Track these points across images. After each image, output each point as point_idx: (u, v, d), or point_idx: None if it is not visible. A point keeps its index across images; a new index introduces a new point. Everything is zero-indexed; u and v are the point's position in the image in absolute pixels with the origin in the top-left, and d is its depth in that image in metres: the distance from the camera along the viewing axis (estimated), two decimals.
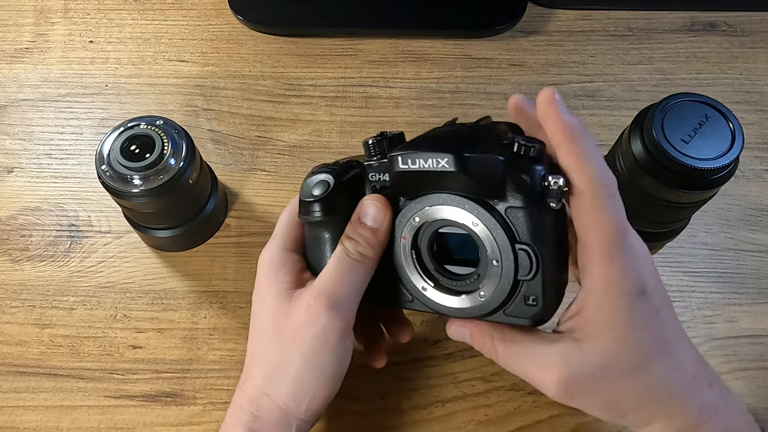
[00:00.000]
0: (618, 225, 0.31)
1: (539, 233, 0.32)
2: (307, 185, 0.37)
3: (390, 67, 0.60)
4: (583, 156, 0.31)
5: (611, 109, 0.57)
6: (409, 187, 0.34)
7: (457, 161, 0.31)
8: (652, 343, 0.33)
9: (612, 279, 0.32)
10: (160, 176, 0.44)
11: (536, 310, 0.33)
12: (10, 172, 0.55)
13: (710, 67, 0.59)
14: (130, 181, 0.44)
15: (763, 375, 0.47)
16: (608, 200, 0.31)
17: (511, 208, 0.32)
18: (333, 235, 0.37)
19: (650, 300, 0.32)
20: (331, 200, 0.36)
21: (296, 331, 0.36)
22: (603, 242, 0.31)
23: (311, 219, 0.37)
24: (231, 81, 0.59)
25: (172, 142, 0.44)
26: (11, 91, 0.59)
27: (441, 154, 0.31)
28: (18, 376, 0.47)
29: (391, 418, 0.46)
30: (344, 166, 0.37)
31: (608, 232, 0.31)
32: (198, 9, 0.63)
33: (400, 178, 0.34)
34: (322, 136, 0.56)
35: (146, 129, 0.45)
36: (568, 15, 0.62)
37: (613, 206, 0.31)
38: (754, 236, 0.52)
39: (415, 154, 0.32)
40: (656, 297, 0.33)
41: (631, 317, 0.32)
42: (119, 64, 0.60)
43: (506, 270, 0.32)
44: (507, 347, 0.35)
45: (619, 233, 0.31)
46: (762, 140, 0.56)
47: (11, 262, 0.51)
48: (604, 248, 0.31)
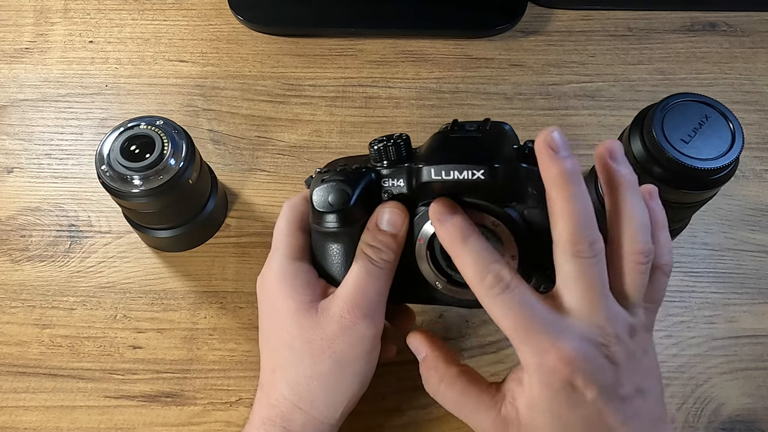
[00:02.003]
0: (574, 293, 0.30)
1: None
2: (322, 194, 0.36)
3: (390, 67, 0.60)
4: (560, 208, 0.30)
5: (611, 109, 0.57)
6: (433, 194, 0.35)
7: (491, 172, 0.32)
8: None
9: (533, 358, 0.30)
10: (160, 176, 0.44)
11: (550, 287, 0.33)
12: (10, 172, 0.55)
13: (710, 67, 0.59)
14: (130, 181, 0.44)
15: (763, 375, 0.47)
16: (571, 258, 0.30)
17: (529, 209, 0.33)
18: (349, 243, 0.37)
19: (581, 407, 0.30)
20: (350, 211, 0.36)
21: (331, 342, 0.35)
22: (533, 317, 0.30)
23: (327, 229, 0.37)
24: (231, 81, 0.59)
25: (172, 142, 0.44)
26: (11, 91, 0.59)
27: (475, 166, 0.32)
28: (18, 376, 0.47)
29: (391, 418, 0.46)
30: (356, 174, 0.37)
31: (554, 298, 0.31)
32: (198, 9, 0.63)
33: (425, 187, 0.34)
34: (322, 136, 0.56)
35: (146, 129, 0.45)
36: (568, 15, 0.62)
37: (572, 266, 0.30)
38: (754, 236, 0.52)
39: (447, 167, 0.33)
40: (590, 405, 0.30)
41: (552, 411, 0.30)
42: (119, 64, 0.60)
43: (525, 263, 0.34)
44: (452, 393, 0.34)
45: (565, 307, 0.30)
46: (762, 140, 0.56)
47: (11, 262, 0.51)
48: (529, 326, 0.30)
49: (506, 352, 0.47)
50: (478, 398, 0.33)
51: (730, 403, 0.46)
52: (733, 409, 0.46)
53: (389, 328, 0.41)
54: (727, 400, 0.46)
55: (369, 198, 0.36)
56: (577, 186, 0.30)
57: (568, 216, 0.30)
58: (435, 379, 0.35)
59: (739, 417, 0.45)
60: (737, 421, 0.45)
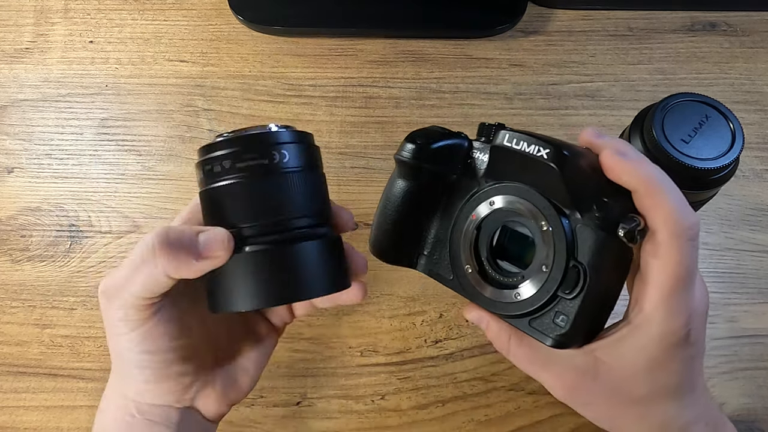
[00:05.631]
0: (686, 271, 0.31)
1: (599, 259, 0.31)
2: (418, 130, 0.37)
3: (390, 67, 0.60)
4: (662, 195, 0.30)
5: (611, 109, 0.57)
6: (501, 168, 0.34)
7: (557, 156, 0.31)
8: (666, 384, 0.32)
9: (659, 322, 0.31)
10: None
11: (561, 332, 0.32)
12: (10, 172, 0.55)
13: (710, 67, 0.59)
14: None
15: (763, 375, 0.47)
16: (685, 243, 0.30)
17: (583, 225, 0.32)
18: (407, 187, 0.37)
19: (686, 348, 0.32)
20: (431, 150, 0.36)
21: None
22: (665, 284, 0.31)
23: (400, 157, 0.36)
24: (231, 81, 0.59)
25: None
26: (11, 91, 0.59)
27: (545, 143, 0.32)
28: (18, 376, 0.47)
29: (391, 418, 0.46)
30: (454, 133, 0.37)
31: (674, 276, 0.31)
32: (198, 9, 0.63)
33: (496, 154, 0.34)
34: (322, 136, 0.56)
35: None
36: (568, 15, 0.62)
37: (688, 251, 0.30)
38: (754, 236, 0.52)
39: (520, 136, 0.32)
40: (693, 346, 0.32)
41: (659, 358, 0.32)
42: (119, 64, 0.60)
43: (551, 279, 0.32)
44: (522, 349, 0.35)
45: (685, 279, 0.31)
46: (762, 140, 0.55)
47: (11, 262, 0.51)
48: (665, 291, 0.31)
49: None
50: (549, 350, 0.33)
51: (730, 402, 0.46)
52: (733, 408, 0.46)
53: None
54: (727, 399, 0.46)
55: (452, 154, 0.36)
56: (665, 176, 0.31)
57: (676, 199, 0.31)
58: (504, 339, 0.35)
59: (739, 417, 0.45)
60: (737, 421, 0.45)
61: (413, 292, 0.50)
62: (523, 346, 0.35)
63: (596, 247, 0.31)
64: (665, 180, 0.31)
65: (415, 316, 0.49)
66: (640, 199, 0.31)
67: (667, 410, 0.33)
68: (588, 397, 0.34)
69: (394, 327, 0.48)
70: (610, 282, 0.33)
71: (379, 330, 0.48)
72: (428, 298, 0.49)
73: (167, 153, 0.56)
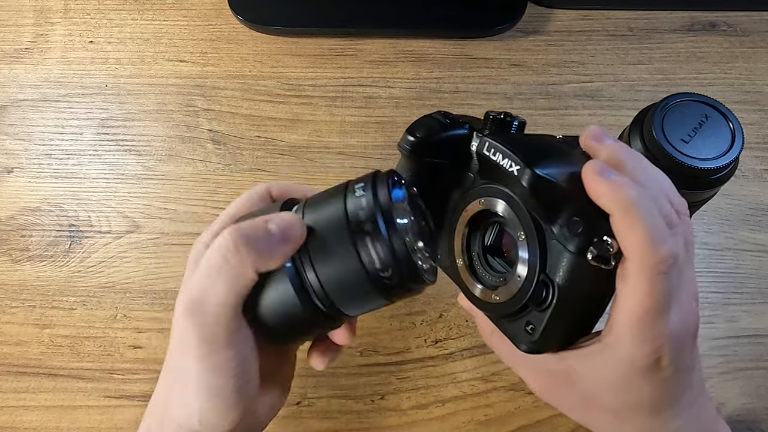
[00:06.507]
0: (655, 303, 0.29)
1: (569, 277, 0.31)
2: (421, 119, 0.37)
3: (390, 67, 0.60)
4: (636, 224, 0.29)
5: (611, 109, 0.57)
6: (488, 171, 0.34)
7: (527, 175, 0.31)
8: (639, 401, 0.32)
9: (626, 347, 0.30)
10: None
11: (531, 339, 0.32)
12: (10, 172, 0.55)
13: (710, 67, 0.59)
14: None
15: (763, 375, 0.47)
16: (655, 277, 0.29)
17: (556, 241, 0.31)
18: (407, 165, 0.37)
19: (657, 373, 0.31)
20: (434, 139, 0.36)
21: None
22: (632, 312, 0.30)
23: (402, 145, 0.36)
24: (231, 81, 0.59)
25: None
26: (11, 91, 0.59)
27: (517, 159, 0.31)
28: (18, 376, 0.47)
29: (391, 418, 0.46)
30: (457, 123, 0.37)
31: (641, 306, 0.29)
32: (198, 9, 0.63)
33: (479, 159, 0.35)
34: (322, 136, 0.56)
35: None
36: (568, 15, 0.62)
37: (658, 284, 0.29)
38: (754, 236, 0.52)
39: (497, 146, 0.33)
40: (666, 370, 0.31)
41: (628, 378, 0.31)
42: (119, 64, 0.60)
43: (522, 290, 0.32)
44: (503, 344, 0.35)
45: (654, 310, 0.30)
46: (762, 140, 0.56)
47: (11, 262, 0.51)
48: (632, 317, 0.30)
49: None
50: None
51: (729, 402, 0.46)
52: (733, 408, 0.46)
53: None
54: (727, 399, 0.46)
55: (452, 147, 0.36)
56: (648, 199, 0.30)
57: (650, 230, 0.29)
58: (488, 331, 0.36)
59: (738, 417, 0.45)
60: (737, 421, 0.45)
61: None
62: (504, 342, 0.35)
63: (566, 265, 0.31)
64: (645, 207, 0.29)
65: (415, 316, 0.49)
66: (614, 223, 0.30)
67: (644, 423, 0.32)
68: (562, 398, 0.34)
69: (394, 327, 0.49)
70: (583, 298, 0.32)
71: (379, 330, 0.48)
72: (428, 298, 0.49)
73: (167, 153, 0.56)
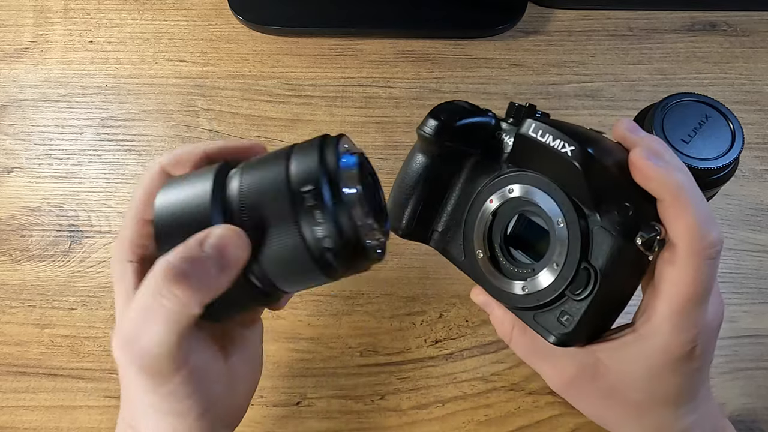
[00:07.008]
0: (700, 290, 0.30)
1: (612, 264, 0.31)
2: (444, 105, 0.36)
3: (390, 67, 0.60)
4: (687, 208, 0.29)
5: (611, 109, 0.57)
6: (524, 156, 0.34)
7: (582, 155, 0.30)
8: (665, 393, 0.32)
9: (665, 336, 0.30)
10: None
11: (564, 331, 0.32)
12: (10, 172, 0.55)
13: (710, 67, 0.59)
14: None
15: (763, 375, 0.47)
16: (703, 262, 0.29)
17: (600, 228, 0.31)
18: (424, 162, 0.36)
19: (689, 363, 0.31)
20: (454, 126, 0.35)
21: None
22: (676, 299, 0.30)
23: (422, 132, 0.35)
24: (231, 81, 0.59)
25: None
26: (11, 91, 0.59)
27: (571, 139, 0.30)
28: (18, 376, 0.47)
29: (391, 418, 0.46)
30: (481, 110, 0.36)
31: (687, 293, 0.30)
32: (198, 9, 0.63)
33: (520, 141, 0.33)
34: None
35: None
36: (568, 15, 0.62)
37: (705, 270, 0.29)
38: (754, 236, 0.52)
39: (546, 128, 0.31)
40: (697, 360, 0.31)
41: (660, 370, 0.31)
42: (119, 64, 0.60)
43: (561, 277, 0.32)
44: (524, 340, 0.35)
45: (698, 297, 0.30)
46: (762, 140, 0.55)
47: (11, 262, 0.51)
48: (675, 306, 0.30)
49: (506, 351, 0.47)
50: (550, 345, 0.33)
51: (730, 403, 0.46)
52: (733, 409, 0.46)
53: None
54: (727, 400, 0.46)
55: (476, 133, 0.36)
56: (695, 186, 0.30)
57: (700, 214, 0.30)
58: (507, 327, 0.35)
59: (739, 417, 0.45)
60: (737, 421, 0.45)
61: (413, 292, 0.50)
62: (525, 337, 0.35)
63: (611, 252, 0.31)
64: (693, 191, 0.30)
65: (415, 316, 0.49)
66: (664, 208, 0.30)
67: (663, 416, 0.33)
68: (584, 393, 0.34)
69: (394, 327, 0.48)
70: (621, 287, 0.32)
71: (379, 330, 0.48)
72: (428, 298, 0.49)
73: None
